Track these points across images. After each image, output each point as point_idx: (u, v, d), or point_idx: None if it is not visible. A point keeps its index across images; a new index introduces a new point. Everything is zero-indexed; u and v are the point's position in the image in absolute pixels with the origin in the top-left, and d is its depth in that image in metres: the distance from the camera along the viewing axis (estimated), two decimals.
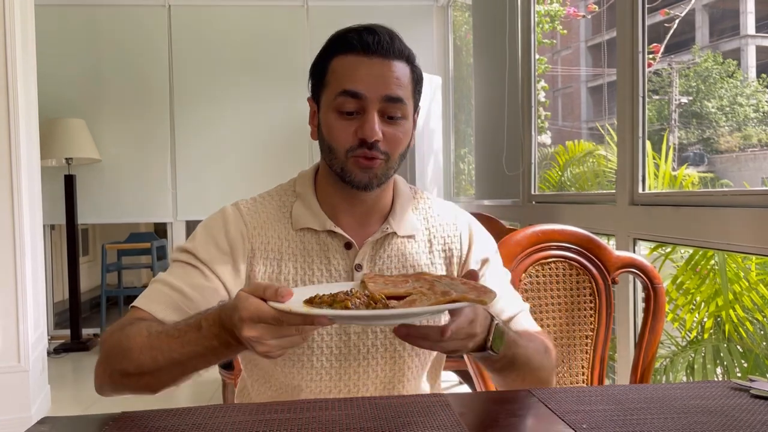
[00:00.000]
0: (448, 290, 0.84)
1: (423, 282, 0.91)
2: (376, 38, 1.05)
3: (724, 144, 6.98)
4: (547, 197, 3.41)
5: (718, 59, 7.90)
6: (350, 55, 1.05)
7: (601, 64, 10.20)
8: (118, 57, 4.85)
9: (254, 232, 1.11)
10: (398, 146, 1.08)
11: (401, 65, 1.07)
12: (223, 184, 4.80)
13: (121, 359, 0.98)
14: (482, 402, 1.02)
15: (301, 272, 1.10)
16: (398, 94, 1.05)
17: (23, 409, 2.95)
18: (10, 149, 2.90)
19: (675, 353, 2.58)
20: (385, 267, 1.13)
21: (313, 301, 0.83)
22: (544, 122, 5.57)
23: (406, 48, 1.09)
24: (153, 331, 0.97)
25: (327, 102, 1.08)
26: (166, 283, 1.07)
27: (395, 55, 1.06)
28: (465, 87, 5.02)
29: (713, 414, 0.91)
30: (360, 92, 1.03)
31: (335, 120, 1.06)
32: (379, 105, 1.04)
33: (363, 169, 1.06)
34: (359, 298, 0.82)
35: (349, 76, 1.04)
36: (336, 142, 1.06)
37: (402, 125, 1.07)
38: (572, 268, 1.45)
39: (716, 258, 2.42)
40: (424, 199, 1.23)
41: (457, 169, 5.27)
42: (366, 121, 1.04)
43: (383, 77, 1.04)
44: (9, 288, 2.93)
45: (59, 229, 5.16)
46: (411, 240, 1.16)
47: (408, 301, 0.83)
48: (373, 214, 1.14)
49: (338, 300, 0.81)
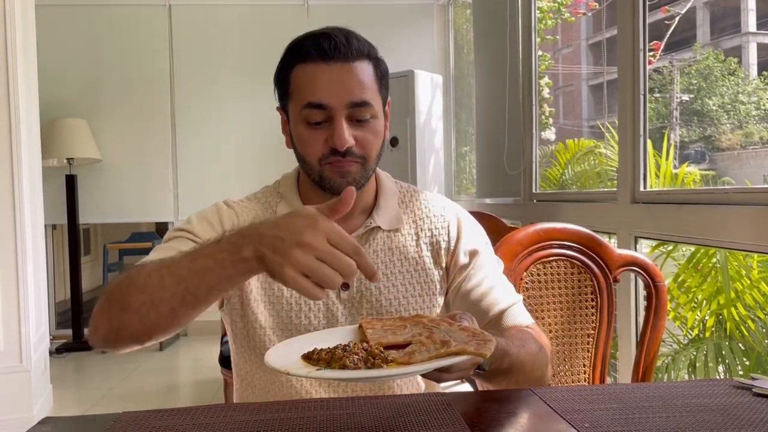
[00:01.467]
0: (447, 339, 0.83)
1: (421, 328, 0.89)
2: (332, 43, 1.03)
3: (725, 142, 6.98)
4: (548, 195, 3.41)
5: (719, 57, 7.89)
6: (309, 63, 1.04)
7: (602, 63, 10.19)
8: (119, 57, 4.85)
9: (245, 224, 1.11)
10: (372, 147, 1.08)
11: (362, 65, 1.05)
12: (224, 184, 4.81)
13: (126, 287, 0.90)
14: (483, 401, 1.02)
15: None
16: (363, 98, 1.04)
17: (25, 409, 2.95)
18: (11, 149, 2.91)
19: (677, 351, 2.58)
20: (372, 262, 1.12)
21: (311, 356, 0.82)
22: (548, 118, 5.56)
23: (366, 45, 1.08)
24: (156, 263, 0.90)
25: (294, 114, 1.07)
26: (161, 248, 1.05)
27: (354, 56, 1.04)
28: (466, 85, 5.02)
29: (715, 412, 0.90)
30: (324, 103, 1.03)
31: (304, 131, 1.06)
32: (345, 111, 1.04)
33: (340, 175, 1.06)
34: (357, 353, 0.80)
35: (311, 87, 1.03)
36: (308, 153, 1.07)
37: (372, 126, 1.07)
38: (573, 266, 1.44)
39: (718, 256, 2.42)
40: (411, 193, 1.22)
41: (458, 167, 5.27)
42: (335, 130, 1.03)
43: (345, 83, 1.03)
44: (11, 288, 2.94)
45: (61, 228, 5.17)
46: (397, 233, 1.16)
47: (408, 352, 0.82)
48: (356, 211, 1.14)
49: (336, 357, 0.79)
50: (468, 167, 5.17)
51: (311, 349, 0.84)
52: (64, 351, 4.56)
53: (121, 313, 0.89)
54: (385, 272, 1.14)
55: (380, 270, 1.14)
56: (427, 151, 4.29)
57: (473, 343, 0.80)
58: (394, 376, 0.81)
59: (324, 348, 0.83)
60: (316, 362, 0.81)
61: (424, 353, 0.81)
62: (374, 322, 0.94)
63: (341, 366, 0.78)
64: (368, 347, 0.83)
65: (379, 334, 0.89)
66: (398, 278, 1.14)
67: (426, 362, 0.79)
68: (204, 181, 4.91)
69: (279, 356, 0.82)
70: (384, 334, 0.89)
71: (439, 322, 0.90)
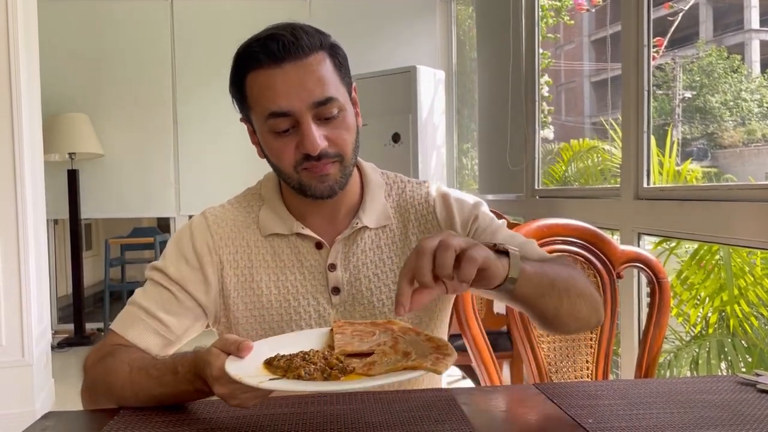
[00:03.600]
0: (409, 351, 0.83)
1: (389, 336, 0.88)
2: (280, 43, 0.97)
3: (728, 139, 6.96)
4: (551, 192, 3.41)
5: (722, 54, 7.86)
6: (260, 69, 0.98)
7: (604, 59, 10.17)
8: (120, 52, 4.84)
9: (221, 243, 1.09)
10: (346, 142, 1.02)
11: (317, 58, 0.99)
12: (226, 179, 4.79)
13: (105, 392, 0.98)
14: (488, 396, 1.02)
15: (274, 278, 1.08)
16: (326, 95, 0.98)
17: (27, 403, 2.95)
18: (13, 144, 2.90)
19: (679, 348, 2.58)
20: (360, 262, 1.09)
21: (272, 362, 0.81)
22: (547, 117, 5.55)
23: (315, 35, 1.00)
24: (135, 366, 0.96)
25: (259, 125, 1.03)
26: (142, 308, 1.06)
27: (306, 51, 0.98)
28: (468, 82, 5.01)
29: (720, 408, 0.90)
30: (286, 110, 0.97)
31: (273, 141, 1.01)
32: (311, 112, 0.98)
33: (320, 179, 1.01)
34: (315, 363, 0.80)
35: (269, 95, 0.98)
36: (281, 162, 1.02)
37: (342, 120, 1.01)
38: (577, 262, 1.44)
39: (721, 252, 2.42)
40: (397, 183, 1.17)
41: (460, 164, 5.26)
42: (304, 136, 0.98)
43: (303, 84, 0.97)
44: (13, 282, 2.93)
45: (62, 223, 5.16)
46: (384, 230, 1.12)
47: (368, 363, 0.82)
48: (341, 210, 1.11)
49: (293, 366, 0.79)
50: (470, 163, 5.16)
51: (274, 354, 0.83)
52: (65, 346, 4.56)
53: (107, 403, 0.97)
54: (376, 272, 1.10)
55: (371, 270, 1.10)
56: (429, 147, 4.28)
57: (432, 358, 0.79)
58: (343, 391, 0.79)
59: (285, 355, 0.82)
60: (275, 369, 0.80)
61: (384, 365, 0.80)
62: (345, 327, 0.93)
63: (296, 376, 0.77)
64: (328, 356, 0.82)
65: (346, 340, 0.88)
66: (389, 276, 1.10)
67: (380, 376, 0.78)
68: (206, 176, 4.90)
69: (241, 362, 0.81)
70: (351, 340, 0.89)
71: (406, 330, 0.89)
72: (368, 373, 0.80)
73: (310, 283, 1.08)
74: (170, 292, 1.06)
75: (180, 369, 0.90)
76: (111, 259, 5.45)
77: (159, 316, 1.05)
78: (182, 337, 1.08)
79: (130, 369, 0.96)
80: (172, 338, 1.06)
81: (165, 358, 0.96)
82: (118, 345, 1.04)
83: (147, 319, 1.05)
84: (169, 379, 0.91)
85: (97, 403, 1.00)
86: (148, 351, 1.04)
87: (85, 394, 1.02)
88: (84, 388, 1.03)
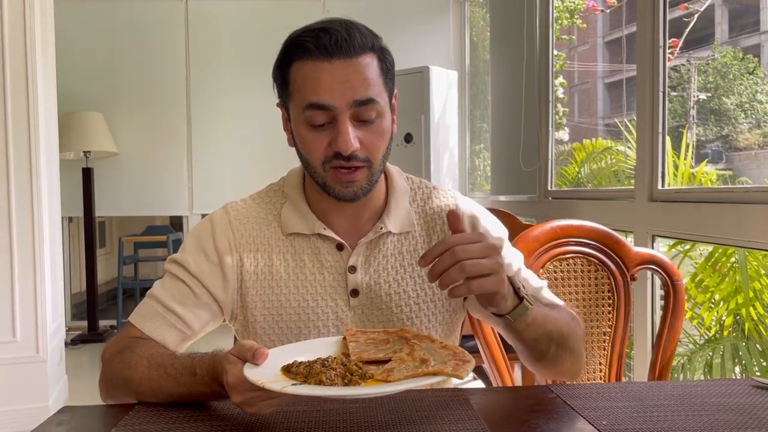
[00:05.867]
0: (427, 358, 0.83)
1: (404, 343, 0.88)
2: (333, 38, 0.96)
3: (742, 141, 6.90)
4: (564, 193, 3.39)
5: (738, 55, 7.80)
6: (309, 60, 0.98)
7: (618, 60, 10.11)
8: (135, 51, 4.88)
9: (241, 240, 1.08)
10: (378, 149, 1.02)
11: (366, 59, 0.99)
12: (239, 178, 4.82)
13: (122, 386, 0.99)
14: (501, 397, 1.02)
15: (293, 277, 1.07)
16: (368, 96, 0.98)
17: (41, 399, 2.98)
18: (30, 142, 2.93)
19: (693, 351, 2.56)
20: (381, 267, 1.09)
21: (290, 369, 0.81)
22: (562, 119, 5.53)
23: (369, 36, 1.00)
24: (153, 362, 0.97)
25: (295, 114, 1.02)
26: (159, 302, 1.06)
27: (357, 51, 0.97)
28: (481, 83, 5.00)
29: (735, 412, 0.89)
30: (327, 104, 0.97)
31: (306, 133, 1.00)
32: (350, 111, 0.97)
33: (344, 184, 1.01)
34: (335, 369, 0.80)
35: (313, 87, 0.97)
36: (311, 155, 1.01)
37: (378, 125, 1.01)
38: (590, 263, 1.43)
39: (736, 255, 2.40)
40: (423, 189, 1.16)
41: (472, 165, 5.25)
42: (339, 133, 0.97)
43: (349, 81, 0.97)
44: (28, 279, 2.96)
45: (77, 221, 5.21)
46: (407, 236, 1.11)
47: (386, 369, 0.81)
48: (365, 213, 1.10)
49: (314, 372, 0.79)
50: (482, 164, 5.15)
51: (291, 361, 0.83)
52: (79, 342, 4.60)
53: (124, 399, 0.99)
54: (396, 278, 1.09)
55: (391, 276, 1.09)
56: (442, 148, 4.27)
57: (452, 363, 0.79)
58: (368, 395, 0.79)
59: (304, 361, 0.83)
60: (294, 376, 0.80)
61: (403, 371, 0.80)
62: (358, 335, 0.93)
63: (317, 381, 0.78)
64: (347, 362, 0.82)
65: (361, 348, 0.88)
66: (409, 283, 1.10)
67: (402, 381, 0.78)
68: (219, 175, 4.92)
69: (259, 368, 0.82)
70: (366, 348, 0.88)
71: (422, 338, 0.89)
72: (387, 379, 0.80)
73: (329, 284, 1.08)
74: (188, 287, 1.07)
75: (198, 371, 0.90)
76: (124, 257, 5.48)
77: (176, 310, 1.06)
78: (199, 331, 1.09)
79: (148, 365, 0.96)
80: (188, 333, 1.07)
81: (183, 357, 0.96)
82: (137, 338, 1.05)
83: (164, 313, 1.06)
84: (187, 380, 0.92)
85: (114, 395, 1.01)
86: (165, 345, 1.04)
87: (102, 386, 1.03)
88: (102, 379, 1.03)
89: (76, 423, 0.92)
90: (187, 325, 1.06)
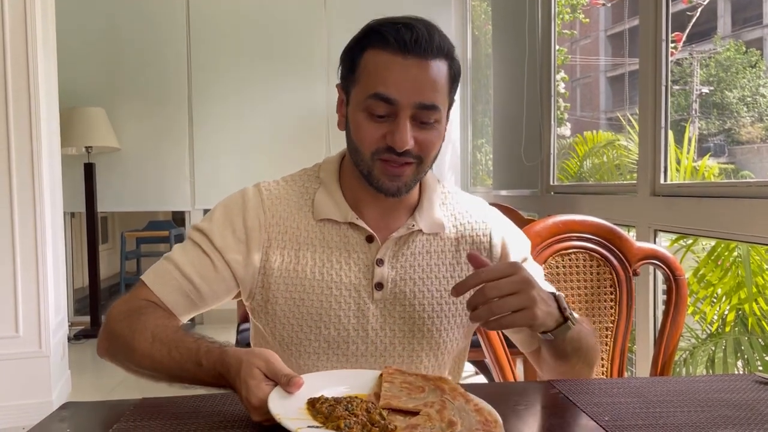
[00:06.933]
0: (455, 420, 0.80)
1: (437, 397, 0.86)
2: (414, 35, 0.96)
3: (744, 135, 6.88)
4: (566, 188, 3.38)
5: (741, 48, 7.77)
6: (384, 52, 0.97)
7: (621, 54, 10.08)
8: (137, 45, 4.87)
9: (272, 221, 1.08)
10: (431, 151, 1.02)
11: (439, 64, 0.99)
12: (241, 173, 4.81)
13: (125, 352, 0.99)
14: (503, 393, 1.01)
15: (320, 263, 1.07)
16: (433, 101, 0.98)
17: (44, 394, 2.98)
18: (31, 137, 2.93)
19: (695, 346, 2.56)
20: (408, 264, 1.09)
21: (315, 404, 0.81)
22: (564, 113, 5.52)
23: (446, 42, 1.00)
24: (158, 338, 0.97)
25: (357, 100, 1.01)
26: (177, 267, 1.06)
27: (433, 54, 0.97)
28: (483, 77, 4.98)
29: (738, 408, 0.89)
30: (392, 98, 0.97)
31: (364, 121, 1.00)
32: (411, 111, 0.98)
33: (391, 178, 1.01)
34: (357, 415, 0.78)
35: (382, 78, 0.97)
36: (363, 144, 1.01)
37: (435, 129, 1.01)
38: (593, 259, 1.43)
39: (739, 250, 2.39)
40: (452, 194, 1.17)
41: (474, 159, 5.24)
42: (397, 128, 0.97)
43: (418, 82, 0.97)
44: (30, 275, 2.96)
45: (79, 216, 5.21)
46: (437, 237, 1.11)
47: (411, 425, 0.79)
48: (399, 208, 1.10)
49: (334, 416, 0.78)
50: (484, 159, 5.14)
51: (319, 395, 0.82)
52: (82, 337, 4.61)
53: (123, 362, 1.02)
54: (422, 276, 1.09)
55: (417, 273, 1.09)
56: (443, 143, 4.27)
57: None
58: None
59: (330, 398, 0.82)
60: (316, 414, 0.79)
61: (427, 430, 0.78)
62: (396, 374, 0.91)
63: (335, 427, 0.76)
64: (372, 409, 0.80)
65: (393, 392, 0.86)
66: (434, 283, 1.10)
67: None
68: (221, 170, 4.92)
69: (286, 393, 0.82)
70: (398, 393, 0.86)
71: (456, 394, 0.86)
72: None
73: (354, 275, 1.07)
74: (209, 259, 1.06)
75: (204, 363, 0.90)
76: (127, 252, 5.50)
77: (193, 279, 1.05)
78: (210, 304, 1.09)
79: (152, 340, 0.96)
80: (199, 303, 1.07)
81: (189, 340, 0.95)
82: (146, 301, 1.05)
83: (180, 279, 1.05)
84: (191, 367, 0.92)
85: (114, 357, 1.02)
86: (174, 311, 1.05)
87: (103, 343, 1.04)
88: (104, 336, 1.04)
89: (78, 419, 0.92)
90: (200, 296, 1.06)
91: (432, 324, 1.09)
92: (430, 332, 1.09)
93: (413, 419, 0.81)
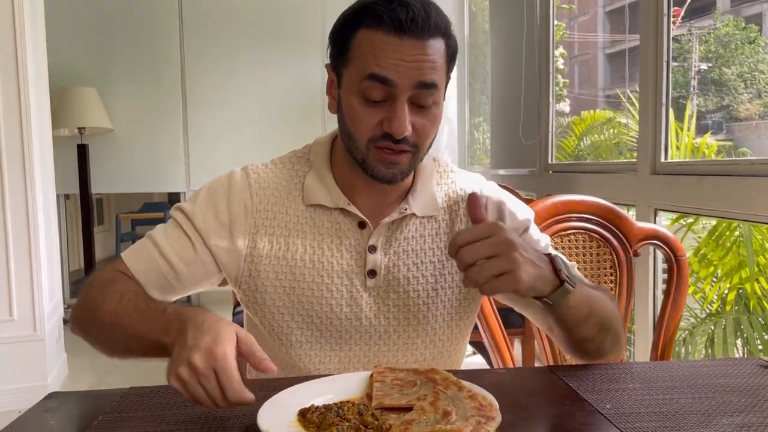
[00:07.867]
0: (450, 410, 0.78)
1: (429, 389, 0.84)
2: (410, 14, 0.90)
3: (743, 112, 6.83)
4: (565, 167, 3.35)
5: (740, 24, 7.69)
6: (379, 31, 0.92)
7: (620, 30, 9.98)
8: (129, 25, 4.79)
9: (260, 206, 1.04)
10: (428, 136, 0.98)
11: (437, 43, 0.93)
12: (236, 153, 4.77)
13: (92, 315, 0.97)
14: (501, 379, 0.99)
15: (310, 251, 1.03)
16: (433, 80, 0.93)
17: (40, 378, 2.98)
18: (20, 118, 2.88)
19: (694, 326, 2.54)
20: (401, 249, 1.05)
21: (306, 414, 0.78)
22: (562, 90, 5.46)
23: (443, 19, 0.95)
24: (126, 297, 0.94)
25: (350, 82, 0.96)
26: (156, 246, 1.03)
27: (430, 33, 0.92)
28: (480, 54, 4.92)
29: (742, 393, 0.87)
30: (390, 78, 0.91)
31: (359, 106, 0.95)
32: (410, 93, 0.93)
33: (387, 165, 0.96)
34: (349, 419, 0.76)
35: (378, 59, 0.91)
36: (358, 130, 0.96)
37: (432, 113, 0.97)
38: (593, 239, 1.40)
39: (740, 229, 2.37)
40: (447, 173, 1.12)
41: (471, 138, 5.20)
42: (395, 114, 0.93)
43: (417, 62, 0.91)
44: (23, 257, 2.94)
45: (74, 198, 5.17)
46: (431, 220, 1.07)
47: (405, 421, 0.77)
48: (391, 192, 1.05)
49: (326, 423, 0.76)
50: (482, 137, 5.10)
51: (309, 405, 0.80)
52: None
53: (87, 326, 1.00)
54: (416, 261, 1.05)
55: (411, 259, 1.05)
56: (441, 121, 4.22)
57: (473, 421, 0.75)
58: None
59: (320, 406, 0.80)
60: (307, 424, 0.77)
61: (423, 425, 0.76)
62: (386, 373, 0.89)
63: None
64: (364, 411, 0.79)
65: (384, 391, 0.85)
66: (428, 268, 1.06)
67: None
68: (216, 151, 4.88)
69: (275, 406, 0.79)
70: (390, 391, 0.85)
71: (449, 383, 0.84)
72: None
73: (346, 262, 1.03)
74: (190, 241, 1.03)
75: (169, 309, 0.87)
76: (122, 234, 5.47)
77: (172, 260, 1.02)
78: (188, 287, 1.05)
79: (120, 299, 0.94)
80: (176, 286, 1.04)
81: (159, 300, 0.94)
82: (123, 273, 1.02)
83: (158, 259, 1.02)
84: (154, 316, 0.88)
85: (82, 322, 1.00)
86: (147, 288, 1.01)
87: (75, 312, 1.02)
88: (75, 305, 1.02)
89: (64, 410, 0.89)
90: (177, 277, 1.03)
91: (428, 310, 1.06)
92: (426, 319, 1.06)
93: (407, 415, 0.79)
